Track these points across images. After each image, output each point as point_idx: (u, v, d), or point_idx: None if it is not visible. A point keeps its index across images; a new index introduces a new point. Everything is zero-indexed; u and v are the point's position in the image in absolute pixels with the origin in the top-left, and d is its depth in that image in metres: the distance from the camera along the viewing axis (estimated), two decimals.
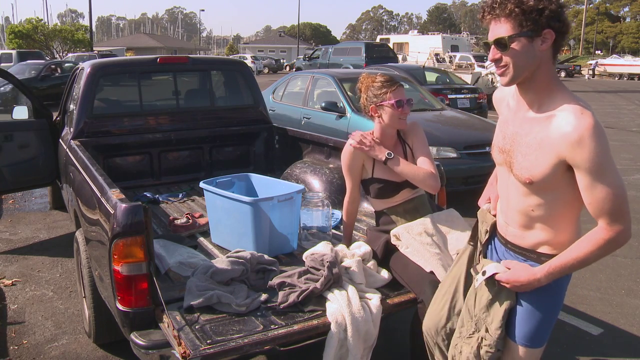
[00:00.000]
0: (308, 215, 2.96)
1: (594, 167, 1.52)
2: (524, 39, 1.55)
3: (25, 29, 37.05)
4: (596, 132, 1.50)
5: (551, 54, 1.60)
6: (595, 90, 26.12)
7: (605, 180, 1.53)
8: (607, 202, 1.55)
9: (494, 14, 1.57)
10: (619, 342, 3.30)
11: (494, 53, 1.60)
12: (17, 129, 4.58)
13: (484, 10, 1.61)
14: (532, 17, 1.52)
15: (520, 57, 1.56)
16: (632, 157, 9.33)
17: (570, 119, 1.53)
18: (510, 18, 1.54)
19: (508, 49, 1.56)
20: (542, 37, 1.55)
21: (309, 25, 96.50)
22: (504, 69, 1.60)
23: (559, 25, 1.55)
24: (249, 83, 4.71)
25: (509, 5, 1.53)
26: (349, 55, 20.51)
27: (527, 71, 1.59)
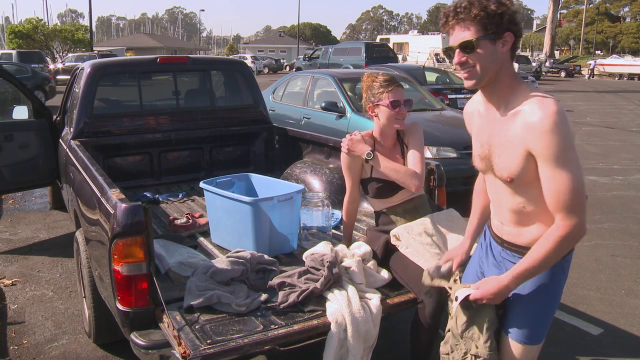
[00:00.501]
0: (308, 215, 2.96)
1: (553, 157, 1.56)
2: (488, 42, 1.63)
3: (25, 29, 37.01)
4: (557, 123, 1.55)
5: (510, 55, 1.69)
6: (595, 90, 26.12)
7: (564, 171, 1.57)
8: (564, 194, 1.58)
9: (459, 19, 1.65)
10: (619, 342, 3.30)
11: (460, 56, 1.67)
12: (17, 129, 4.58)
13: (448, 16, 1.68)
14: (494, 20, 1.61)
15: (485, 59, 1.65)
16: (632, 157, 9.33)
17: (533, 110, 1.59)
18: (474, 22, 1.62)
19: (474, 51, 1.64)
20: (503, 40, 1.65)
21: (309, 25, 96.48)
22: (470, 71, 1.67)
23: (516, 28, 1.65)
24: (249, 83, 4.71)
25: (474, 10, 1.62)
26: (349, 55, 20.52)
27: (491, 72, 1.67)
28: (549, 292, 1.81)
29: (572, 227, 1.60)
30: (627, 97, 22.45)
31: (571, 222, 1.59)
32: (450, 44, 1.70)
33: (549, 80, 32.59)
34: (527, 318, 1.81)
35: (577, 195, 1.58)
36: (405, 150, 2.65)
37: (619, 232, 5.35)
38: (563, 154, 1.56)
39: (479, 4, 1.62)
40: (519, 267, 1.69)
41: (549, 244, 1.63)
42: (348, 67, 16.91)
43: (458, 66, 1.69)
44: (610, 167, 8.53)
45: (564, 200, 1.58)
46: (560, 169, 1.57)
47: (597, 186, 7.21)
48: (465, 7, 1.64)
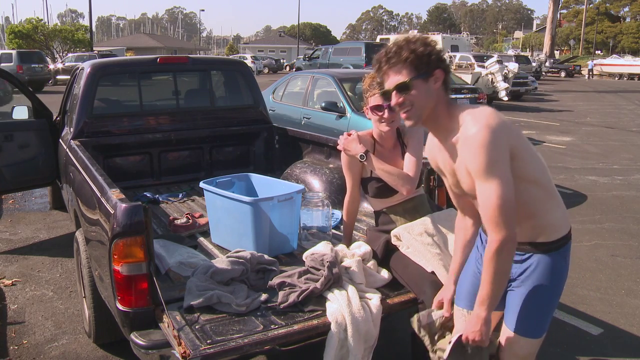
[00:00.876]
0: (308, 215, 2.96)
1: (480, 172, 1.66)
2: (420, 81, 1.75)
3: (25, 29, 37.01)
4: (484, 137, 1.63)
5: (443, 89, 1.80)
6: (595, 90, 26.12)
7: (489, 185, 1.65)
8: (490, 209, 1.65)
9: (391, 63, 1.76)
10: (619, 342, 3.30)
11: (397, 98, 1.77)
12: (17, 129, 4.58)
13: (380, 63, 1.79)
14: (424, 60, 1.74)
15: (420, 98, 1.76)
16: (632, 157, 9.33)
17: (466, 129, 1.70)
18: (406, 64, 1.74)
19: (410, 91, 1.75)
20: (435, 77, 1.77)
21: (309, 25, 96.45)
22: (409, 111, 1.78)
23: (444, 65, 1.78)
24: (249, 83, 4.71)
25: (404, 53, 1.74)
26: (349, 55, 20.50)
27: (428, 109, 1.78)
28: (552, 286, 1.85)
29: (499, 241, 1.66)
30: (627, 97, 22.45)
31: (498, 237, 1.66)
32: (386, 88, 1.81)
33: (549, 80, 32.58)
34: (529, 310, 1.83)
35: (502, 211, 1.65)
36: (405, 151, 2.65)
37: (619, 232, 5.35)
38: (488, 169, 1.64)
39: (407, 48, 1.74)
40: (480, 295, 1.75)
41: (490, 263, 1.70)
42: (348, 67, 16.90)
43: (397, 107, 1.79)
44: (610, 167, 8.53)
45: (490, 215, 1.66)
46: (486, 184, 1.65)
47: (597, 186, 7.21)
48: (395, 51, 1.75)
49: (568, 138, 11.37)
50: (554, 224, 1.80)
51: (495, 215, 1.65)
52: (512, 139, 1.70)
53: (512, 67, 17.05)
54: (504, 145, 1.66)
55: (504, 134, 1.66)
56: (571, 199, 6.48)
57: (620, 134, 12.11)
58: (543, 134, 11.79)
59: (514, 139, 1.71)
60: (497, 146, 1.64)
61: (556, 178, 7.56)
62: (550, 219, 1.79)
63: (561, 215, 1.83)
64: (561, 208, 1.84)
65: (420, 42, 1.76)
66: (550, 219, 1.79)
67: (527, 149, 1.76)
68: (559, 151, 9.82)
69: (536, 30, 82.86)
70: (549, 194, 1.81)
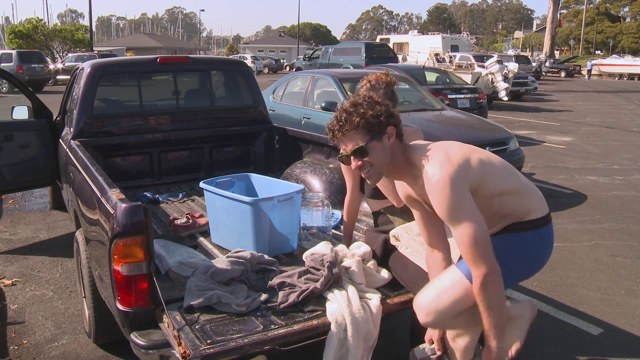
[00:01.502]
0: (308, 215, 2.96)
1: (447, 218, 1.78)
2: (375, 142, 1.84)
3: (26, 29, 36.99)
4: (442, 187, 1.75)
5: (398, 141, 1.90)
6: (595, 90, 26.13)
7: (460, 228, 1.76)
8: (466, 247, 1.75)
9: (344, 130, 1.84)
10: (619, 342, 3.30)
11: (356, 162, 1.86)
12: (17, 129, 4.58)
13: (334, 131, 1.86)
14: (375, 122, 1.82)
15: (379, 157, 1.86)
16: (632, 157, 9.33)
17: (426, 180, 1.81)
18: (359, 129, 1.83)
19: (368, 154, 1.84)
20: (387, 135, 1.86)
21: (309, 25, 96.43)
22: (369, 171, 1.87)
23: (394, 119, 1.87)
24: (249, 83, 4.71)
25: (355, 119, 1.81)
26: (349, 55, 20.50)
27: (387, 164, 1.88)
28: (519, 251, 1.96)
29: (482, 276, 1.76)
30: (627, 97, 22.45)
31: (481, 272, 1.76)
32: (343, 153, 1.89)
33: (549, 80, 32.58)
34: None
35: (476, 248, 1.75)
36: None
37: (619, 232, 5.35)
38: (454, 214, 1.76)
39: (356, 113, 1.81)
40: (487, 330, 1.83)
41: (481, 298, 1.79)
42: (348, 67, 16.90)
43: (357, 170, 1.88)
44: (610, 167, 8.53)
45: (468, 253, 1.77)
46: (456, 227, 1.77)
47: (597, 186, 7.21)
48: (345, 119, 1.83)
49: (568, 138, 11.37)
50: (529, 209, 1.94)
51: (470, 253, 1.75)
52: (470, 176, 1.81)
53: (512, 67, 17.03)
54: (462, 188, 1.77)
55: (460, 179, 1.77)
56: (571, 199, 6.48)
57: (620, 134, 12.11)
58: (543, 134, 11.78)
59: (473, 174, 1.82)
60: (456, 192, 1.75)
61: (556, 178, 7.56)
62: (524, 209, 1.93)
63: (535, 202, 1.96)
64: (535, 197, 1.97)
65: (367, 104, 1.83)
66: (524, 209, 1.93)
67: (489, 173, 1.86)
68: (559, 151, 9.82)
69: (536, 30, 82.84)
70: (520, 193, 1.93)
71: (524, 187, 1.96)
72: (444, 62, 23.30)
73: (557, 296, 3.87)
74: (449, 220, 1.78)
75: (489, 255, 1.76)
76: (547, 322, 3.49)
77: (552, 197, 6.54)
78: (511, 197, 1.90)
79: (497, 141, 6.28)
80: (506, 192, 1.88)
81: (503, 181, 1.90)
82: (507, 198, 1.87)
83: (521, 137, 10.58)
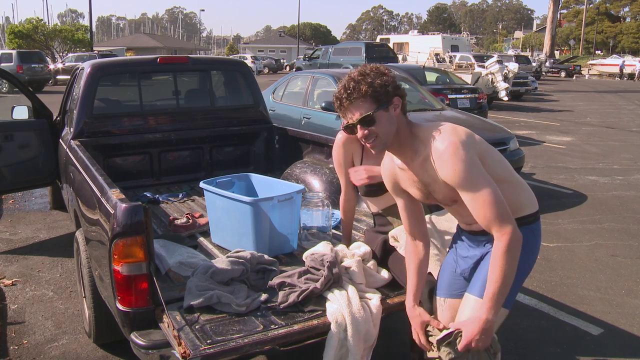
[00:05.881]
0: (308, 215, 2.96)
1: (461, 182, 1.77)
2: (382, 112, 1.83)
3: (26, 29, 36.99)
4: (455, 150, 1.75)
5: (402, 114, 1.89)
6: (595, 90, 26.12)
7: (478, 189, 1.75)
8: (488, 209, 1.75)
9: (352, 99, 1.83)
10: (619, 342, 3.30)
11: (362, 131, 1.85)
12: (17, 129, 4.58)
13: (341, 99, 1.85)
14: (382, 91, 1.82)
15: (385, 126, 1.85)
16: (632, 157, 9.33)
17: (435, 148, 1.81)
18: (366, 98, 1.82)
19: (374, 123, 1.83)
20: (394, 105, 1.86)
21: (309, 25, 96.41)
22: (374, 141, 1.87)
23: (400, 91, 1.87)
24: (249, 83, 4.71)
25: (363, 88, 1.81)
26: (349, 55, 20.49)
27: (392, 135, 1.87)
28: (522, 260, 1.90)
29: (509, 234, 1.75)
30: (627, 97, 22.45)
31: (506, 231, 1.75)
32: (350, 122, 1.87)
33: (549, 80, 32.58)
34: None
35: (499, 206, 1.75)
36: None
37: (619, 232, 5.35)
38: (470, 176, 1.75)
39: (364, 82, 1.81)
40: (487, 295, 1.80)
41: (500, 260, 1.76)
42: (348, 67, 16.88)
43: (362, 139, 1.88)
44: (610, 167, 8.53)
45: (489, 215, 1.75)
46: (473, 191, 1.76)
47: (597, 186, 7.21)
48: (354, 87, 1.82)
49: (568, 138, 11.37)
50: (522, 203, 1.95)
51: (493, 213, 1.74)
52: (477, 146, 1.83)
53: (512, 67, 17.04)
54: (473, 153, 1.78)
55: (470, 144, 1.79)
56: (571, 199, 6.48)
57: (620, 134, 12.11)
58: (543, 134, 11.78)
59: (479, 146, 1.84)
60: (469, 155, 1.76)
61: (556, 178, 7.56)
62: (517, 202, 1.93)
63: (526, 197, 1.98)
64: (526, 192, 1.99)
65: (376, 73, 1.83)
66: (517, 202, 1.93)
67: (489, 152, 1.89)
68: (559, 151, 9.82)
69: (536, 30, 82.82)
70: (513, 185, 1.95)
71: (517, 180, 1.99)
72: (444, 62, 23.29)
73: (557, 296, 3.87)
74: (465, 184, 1.76)
75: (510, 216, 1.77)
76: (547, 322, 3.49)
77: (552, 197, 6.54)
78: (507, 186, 1.90)
79: (497, 141, 6.27)
80: (502, 180, 1.88)
81: (500, 167, 1.92)
82: (503, 186, 1.86)
83: (521, 137, 10.58)
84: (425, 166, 1.86)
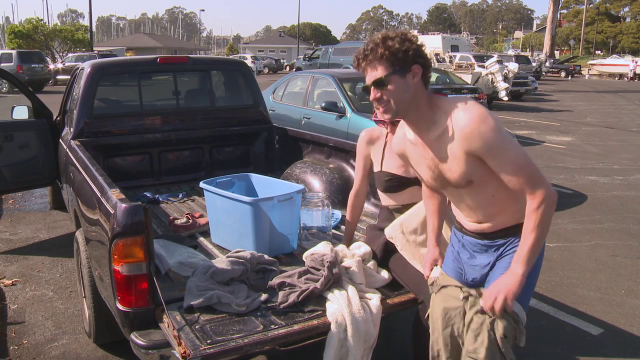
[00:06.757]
0: (308, 215, 2.96)
1: (493, 149, 1.72)
2: (397, 77, 1.78)
3: (26, 29, 37.00)
4: (482, 119, 1.72)
5: (422, 84, 1.83)
6: (595, 90, 26.12)
7: (507, 156, 1.73)
8: (521, 171, 1.73)
9: (368, 60, 1.80)
10: (619, 342, 3.30)
11: (375, 93, 1.81)
12: (17, 129, 4.58)
13: (359, 60, 1.83)
14: (400, 56, 1.77)
15: (397, 93, 1.79)
16: (632, 157, 9.33)
17: (458, 119, 1.76)
18: (382, 60, 1.78)
19: (386, 87, 1.79)
20: (412, 73, 1.79)
21: (309, 25, 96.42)
22: (386, 105, 1.82)
23: (423, 60, 1.81)
24: (249, 83, 4.71)
25: (379, 50, 1.77)
26: (349, 55, 20.50)
27: (405, 103, 1.81)
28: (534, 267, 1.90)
29: (543, 194, 1.72)
30: (627, 97, 22.44)
31: (541, 191, 1.72)
32: (365, 84, 1.85)
33: (549, 80, 32.58)
34: None
35: (531, 167, 1.74)
36: None
37: (619, 232, 5.35)
38: (500, 141, 1.72)
39: (383, 45, 1.77)
40: (522, 252, 1.77)
41: (536, 220, 1.74)
42: (348, 67, 16.89)
43: (374, 102, 1.83)
44: (610, 167, 8.53)
45: (523, 176, 1.72)
46: (505, 155, 1.72)
47: (597, 186, 7.21)
48: (372, 48, 1.79)
49: (568, 138, 11.37)
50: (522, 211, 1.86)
51: (529, 174, 1.72)
52: None
53: (512, 67, 17.05)
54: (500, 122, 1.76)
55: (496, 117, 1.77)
56: (571, 199, 6.48)
57: (620, 134, 12.11)
58: (543, 134, 11.78)
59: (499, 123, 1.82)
60: (496, 123, 1.74)
61: (556, 178, 7.56)
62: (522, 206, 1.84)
63: None
64: None
65: (398, 38, 1.79)
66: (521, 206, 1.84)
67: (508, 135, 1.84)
68: (559, 151, 9.82)
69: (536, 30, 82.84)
70: None
71: None
72: (444, 62, 23.28)
73: (557, 296, 3.87)
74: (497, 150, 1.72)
75: (543, 177, 1.75)
76: (547, 322, 3.49)
77: None
78: None
79: None
80: None
81: None
82: None
83: (521, 137, 10.59)
84: (444, 139, 1.80)
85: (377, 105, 1.84)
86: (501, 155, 1.73)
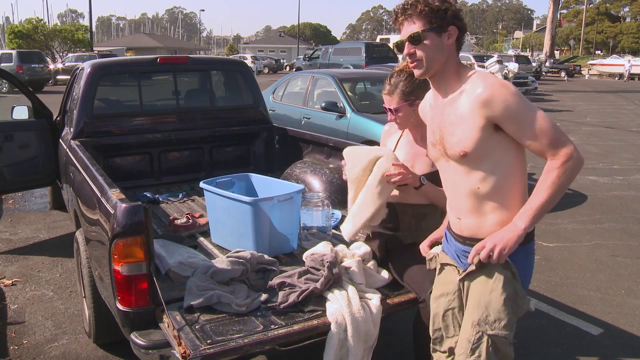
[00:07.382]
0: (308, 215, 2.96)
1: (514, 112, 1.70)
2: (433, 34, 1.78)
3: (25, 29, 37.02)
4: (503, 84, 1.72)
5: (455, 47, 1.84)
6: (595, 90, 26.12)
7: (529, 118, 1.70)
8: (546, 131, 1.70)
9: (406, 15, 1.80)
10: (619, 342, 3.30)
11: (409, 48, 1.81)
12: (17, 129, 4.58)
13: (397, 14, 1.83)
14: (438, 15, 1.77)
15: (431, 50, 1.79)
16: (632, 157, 9.33)
17: (477, 83, 1.75)
18: (420, 16, 1.77)
19: (421, 43, 1.78)
20: (448, 33, 1.79)
21: (309, 25, 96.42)
22: (418, 62, 1.82)
23: (460, 23, 1.82)
24: (249, 83, 4.71)
25: (419, 6, 1.77)
26: (349, 55, 20.50)
27: (438, 63, 1.81)
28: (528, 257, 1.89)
29: (568, 153, 1.69)
30: (627, 97, 22.44)
31: (566, 150, 1.69)
32: (400, 38, 1.84)
33: (549, 80, 32.58)
34: None
35: (556, 129, 1.71)
36: None
37: (619, 232, 5.35)
38: (523, 103, 1.70)
39: (423, 1, 1.77)
40: (530, 207, 1.73)
41: (555, 176, 1.69)
42: (348, 67, 16.90)
43: (407, 57, 1.83)
44: (610, 167, 8.53)
45: (548, 137, 1.69)
46: (529, 116, 1.70)
47: (597, 186, 7.21)
48: (412, 4, 1.78)
49: None
50: None
51: (553, 134, 1.69)
52: None
53: (512, 67, 17.08)
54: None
55: None
56: (571, 199, 6.48)
57: (620, 134, 12.11)
58: None
59: None
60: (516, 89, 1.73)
61: None
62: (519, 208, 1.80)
63: None
64: None
65: None
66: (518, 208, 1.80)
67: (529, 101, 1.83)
68: None
69: (536, 30, 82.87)
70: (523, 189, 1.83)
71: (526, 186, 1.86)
72: None
73: (557, 296, 3.87)
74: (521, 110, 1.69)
75: (567, 136, 1.72)
76: (547, 322, 3.49)
77: None
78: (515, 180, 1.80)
79: None
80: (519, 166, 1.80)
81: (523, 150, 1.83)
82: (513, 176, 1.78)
83: None
84: (459, 102, 1.78)
85: (409, 60, 1.83)
86: (524, 119, 1.69)
